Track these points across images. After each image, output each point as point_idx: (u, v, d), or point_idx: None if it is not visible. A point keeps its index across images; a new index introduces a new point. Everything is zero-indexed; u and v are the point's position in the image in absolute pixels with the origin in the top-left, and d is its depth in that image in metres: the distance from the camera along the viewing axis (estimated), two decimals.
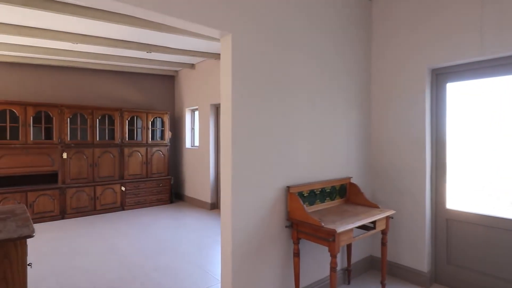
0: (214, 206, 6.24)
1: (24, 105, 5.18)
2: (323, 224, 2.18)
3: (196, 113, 6.93)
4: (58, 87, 6.00)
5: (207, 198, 6.25)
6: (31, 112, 5.23)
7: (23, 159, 5.18)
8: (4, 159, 5.01)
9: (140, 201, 6.36)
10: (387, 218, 2.66)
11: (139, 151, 6.41)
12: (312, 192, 2.66)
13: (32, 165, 5.26)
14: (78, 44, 4.78)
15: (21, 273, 1.71)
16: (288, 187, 2.46)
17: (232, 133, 2.14)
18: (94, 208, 5.81)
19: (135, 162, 6.35)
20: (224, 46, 2.20)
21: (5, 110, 5.03)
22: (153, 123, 6.68)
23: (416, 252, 3.01)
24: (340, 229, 2.11)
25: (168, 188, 6.74)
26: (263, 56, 2.34)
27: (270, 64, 2.39)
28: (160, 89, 7.29)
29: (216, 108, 6.25)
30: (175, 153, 7.43)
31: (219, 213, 5.84)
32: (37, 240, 4.29)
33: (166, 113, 6.79)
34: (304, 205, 2.34)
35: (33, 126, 5.28)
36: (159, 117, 6.74)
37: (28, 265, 2.14)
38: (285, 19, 2.49)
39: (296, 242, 2.42)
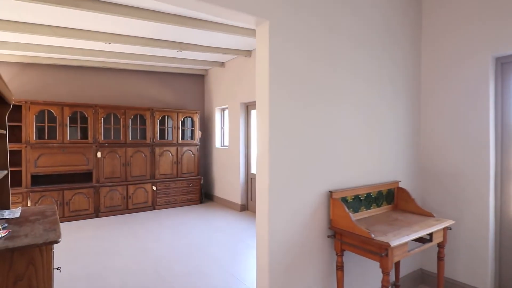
0: (244, 207, 6.07)
1: (61, 105, 5.32)
2: (373, 235, 1.90)
3: (226, 112, 6.81)
4: (93, 88, 6.13)
5: (237, 199, 6.09)
6: (67, 112, 5.36)
7: (60, 158, 5.31)
8: (43, 158, 5.17)
9: (170, 200, 6.35)
10: (445, 229, 2.32)
11: (169, 151, 6.40)
12: (356, 197, 2.37)
13: (68, 164, 5.38)
14: (111, 44, 4.81)
15: (47, 280, 1.61)
16: (331, 192, 2.20)
17: (269, 132, 1.93)
18: (126, 207, 5.86)
19: (165, 161, 6.35)
20: (260, 35, 1.99)
21: (43, 111, 5.19)
22: (183, 123, 6.65)
23: (477, 268, 2.62)
24: (394, 242, 1.82)
25: (198, 188, 6.68)
26: (304, 46, 2.10)
27: (311, 55, 2.14)
28: (190, 89, 7.26)
29: (246, 107, 6.08)
30: (205, 152, 7.37)
31: (249, 215, 5.67)
32: (71, 239, 4.35)
33: (196, 113, 6.73)
34: (350, 213, 2.07)
35: (69, 126, 5.40)
36: (189, 117, 6.70)
37: (57, 269, 2.07)
38: (327, 5, 2.23)
39: (340, 254, 2.15)
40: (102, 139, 5.67)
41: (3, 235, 1.62)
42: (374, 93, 2.59)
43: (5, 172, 2.13)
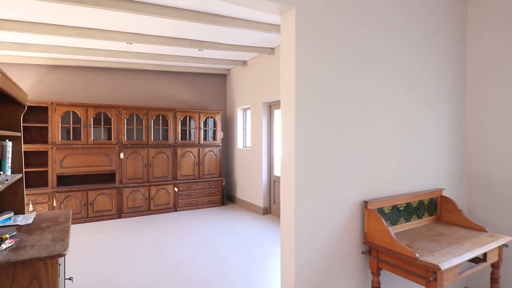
0: (267, 211, 5.86)
1: (85, 106, 5.36)
2: (417, 255, 1.63)
3: (248, 112, 6.63)
4: (115, 89, 6.15)
5: (260, 202, 5.89)
6: (91, 113, 5.39)
7: (84, 158, 5.35)
8: (68, 158, 5.23)
9: (192, 202, 6.26)
10: (501, 247, 1.99)
11: (191, 152, 6.31)
12: (395, 208, 2.10)
13: (92, 165, 5.42)
14: (133, 45, 4.77)
15: None
16: (366, 202, 1.94)
17: (295, 133, 1.71)
18: (148, 208, 5.83)
19: (187, 162, 6.27)
20: (285, 25, 1.77)
21: (68, 112, 5.25)
22: (205, 123, 6.54)
23: None
24: (445, 265, 1.54)
25: (219, 190, 6.55)
26: (334, 37, 1.86)
27: (343, 48, 1.90)
28: (212, 88, 7.15)
29: (269, 107, 5.87)
30: (227, 153, 7.24)
31: (272, 219, 5.45)
32: (93, 241, 4.34)
33: (218, 113, 6.60)
34: (389, 227, 1.80)
35: (93, 127, 5.44)
36: (211, 117, 6.59)
37: (69, 279, 1.96)
38: None
39: (376, 273, 1.89)
40: (125, 140, 5.67)
41: (9, 245, 1.51)
42: (412, 91, 2.29)
43: (20, 175, 2.06)
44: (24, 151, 5.04)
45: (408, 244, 1.84)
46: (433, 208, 2.34)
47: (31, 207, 4.92)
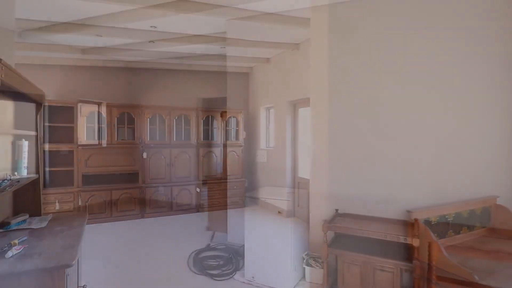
0: (291, 213, 5.62)
1: (109, 106, 5.39)
2: (477, 278, 1.36)
3: (272, 111, 6.43)
4: (139, 88, 6.16)
5: (283, 204, 5.66)
6: (115, 113, 5.41)
7: (109, 158, 5.38)
8: (93, 158, 5.27)
9: (214, 203, 6.15)
10: None
11: (213, 152, 6.21)
12: (442, 218, 1.82)
13: (116, 164, 5.44)
14: (156, 43, 4.71)
15: None
16: (409, 211, 1.68)
17: (329, 134, 1.49)
18: (171, 209, 5.78)
19: (209, 163, 6.17)
20: (316, 13, 1.56)
21: (93, 112, 5.29)
22: (227, 123, 6.42)
23: None
24: None
25: (242, 191, 6.40)
26: (371, 21, 1.62)
27: (381, 34, 1.66)
28: (235, 87, 7.01)
29: (294, 105, 5.62)
30: (250, 154, 7.07)
31: (297, 223, 5.20)
32: (116, 241, 4.32)
33: (241, 112, 6.46)
34: (439, 241, 1.54)
35: (117, 127, 5.46)
36: (233, 117, 6.45)
37: (82, 287, 1.85)
38: None
39: None
40: (148, 139, 5.65)
41: (16, 252, 1.40)
42: (461, 85, 2.00)
43: (35, 176, 1.98)
44: (51, 151, 5.19)
45: (460, 261, 1.57)
46: (486, 219, 2.03)
47: (57, 206, 5.00)
